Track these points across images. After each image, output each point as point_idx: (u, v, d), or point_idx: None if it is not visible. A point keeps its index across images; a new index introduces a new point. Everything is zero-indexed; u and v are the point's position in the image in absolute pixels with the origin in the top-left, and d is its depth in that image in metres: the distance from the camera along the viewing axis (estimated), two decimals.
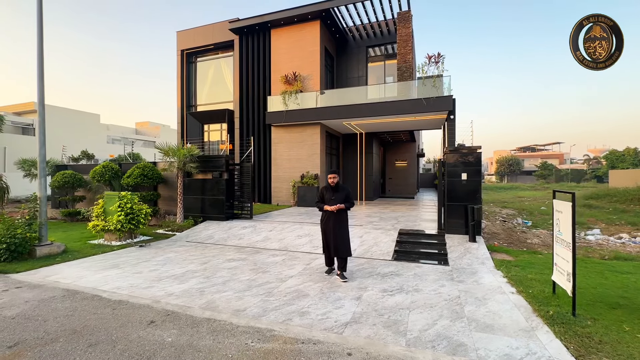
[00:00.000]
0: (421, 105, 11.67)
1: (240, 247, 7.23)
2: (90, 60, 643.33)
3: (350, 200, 5.02)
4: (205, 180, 9.82)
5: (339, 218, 4.92)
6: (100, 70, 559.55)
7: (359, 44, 16.10)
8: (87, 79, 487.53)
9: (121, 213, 7.43)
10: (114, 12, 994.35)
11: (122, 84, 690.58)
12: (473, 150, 7.09)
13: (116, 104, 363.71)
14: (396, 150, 21.27)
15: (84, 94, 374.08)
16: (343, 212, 4.98)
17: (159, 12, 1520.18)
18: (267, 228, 8.46)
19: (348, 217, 5.14)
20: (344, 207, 4.91)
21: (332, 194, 4.98)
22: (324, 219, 5.01)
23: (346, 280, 4.82)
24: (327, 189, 5.06)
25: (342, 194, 4.96)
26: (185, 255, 6.47)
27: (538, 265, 5.53)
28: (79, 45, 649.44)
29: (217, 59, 16.91)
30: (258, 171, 14.89)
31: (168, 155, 9.27)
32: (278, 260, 5.99)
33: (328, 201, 4.97)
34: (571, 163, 69.92)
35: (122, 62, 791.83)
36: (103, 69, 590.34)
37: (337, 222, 4.90)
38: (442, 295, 4.20)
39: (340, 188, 5.02)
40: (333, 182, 4.98)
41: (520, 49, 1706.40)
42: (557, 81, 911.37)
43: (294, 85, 13.75)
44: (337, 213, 4.88)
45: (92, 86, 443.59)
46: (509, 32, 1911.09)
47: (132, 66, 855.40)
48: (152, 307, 3.81)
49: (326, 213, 4.95)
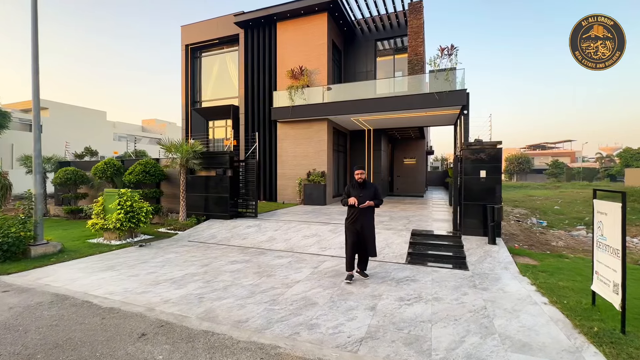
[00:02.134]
0: (433, 99, 11.16)
1: (244, 247, 6.87)
2: (98, 57, 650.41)
3: (379, 197, 4.73)
4: (209, 177, 9.48)
5: (368, 216, 4.66)
6: (106, 67, 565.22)
7: (367, 38, 15.60)
8: (94, 76, 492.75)
9: (121, 211, 7.12)
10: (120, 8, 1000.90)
11: (130, 81, 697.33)
12: (493, 146, 6.61)
13: (123, 102, 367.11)
14: (405, 147, 20.74)
15: (90, 92, 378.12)
16: (371, 210, 4.72)
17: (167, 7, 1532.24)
18: (273, 227, 8.09)
19: (374, 213, 4.85)
20: (373, 204, 4.61)
21: (360, 191, 4.65)
22: (351, 217, 4.67)
23: (368, 276, 4.78)
24: (354, 185, 4.73)
25: (370, 191, 4.66)
26: (186, 256, 6.13)
27: (567, 271, 5.06)
28: (86, 43, 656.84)
29: (222, 53, 16.56)
30: (263, 168, 14.54)
31: (170, 152, 8.95)
32: (284, 263, 5.61)
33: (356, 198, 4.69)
34: (583, 161, 68.27)
35: (129, 59, 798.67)
36: (110, 67, 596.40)
37: (366, 220, 4.63)
38: (466, 305, 3.77)
39: (367, 185, 4.74)
40: (361, 178, 4.67)
41: (525, 47, 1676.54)
42: (567, 79, 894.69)
43: (300, 80, 13.33)
44: (365, 211, 4.58)
45: (99, 84, 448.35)
46: (516, 31, 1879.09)
47: (139, 63, 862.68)
48: (145, 316, 3.45)
49: (354, 211, 4.62)
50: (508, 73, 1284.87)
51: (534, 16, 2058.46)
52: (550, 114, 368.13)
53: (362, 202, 4.52)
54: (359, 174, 4.67)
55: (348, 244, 4.72)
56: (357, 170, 4.70)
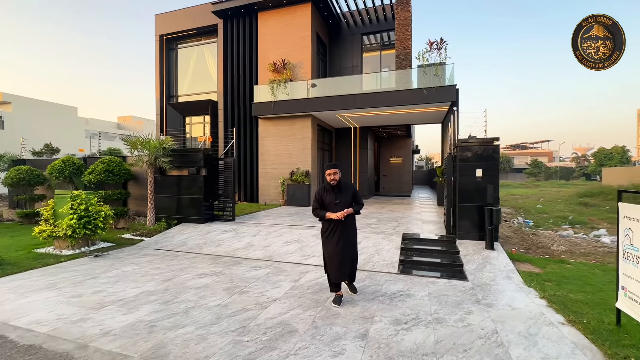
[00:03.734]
0: (421, 95, 10.69)
1: (217, 256, 6.09)
2: (73, 53, 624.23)
3: (359, 202, 3.86)
4: (181, 177, 8.61)
5: (347, 227, 3.75)
6: (83, 63, 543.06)
7: (353, 31, 15.01)
8: (69, 72, 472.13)
9: (73, 216, 6.19)
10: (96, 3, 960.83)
11: (107, 77, 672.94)
12: (489, 142, 6.11)
13: (100, 98, 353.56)
14: (391, 146, 20.34)
15: (64, 88, 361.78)
16: (351, 219, 3.82)
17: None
18: (251, 232, 7.34)
19: (355, 220, 3.98)
20: (353, 211, 3.75)
21: (335, 196, 3.73)
22: (326, 231, 3.77)
23: (357, 292, 4.10)
24: (327, 190, 3.79)
25: (347, 195, 3.77)
26: (147, 268, 5.30)
27: (574, 280, 4.59)
28: (61, 39, 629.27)
29: (200, 45, 15.56)
30: (244, 167, 13.70)
31: (136, 148, 8.02)
32: (260, 275, 4.89)
33: (330, 206, 3.73)
34: (560, 161, 70.61)
35: (106, 55, 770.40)
36: (86, 62, 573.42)
37: (344, 233, 3.72)
38: (474, 328, 3.18)
39: (343, 187, 3.80)
40: (334, 179, 3.72)
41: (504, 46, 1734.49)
42: (542, 82, 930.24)
43: (282, 74, 12.58)
44: (344, 221, 3.70)
45: (74, 80, 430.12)
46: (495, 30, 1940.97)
47: (117, 59, 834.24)
48: (73, 358, 2.67)
49: (329, 223, 3.73)
50: (490, 71, 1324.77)
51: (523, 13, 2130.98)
52: (529, 114, 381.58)
53: (338, 210, 3.66)
54: (331, 174, 3.70)
55: (327, 263, 3.79)
56: (329, 170, 3.71)
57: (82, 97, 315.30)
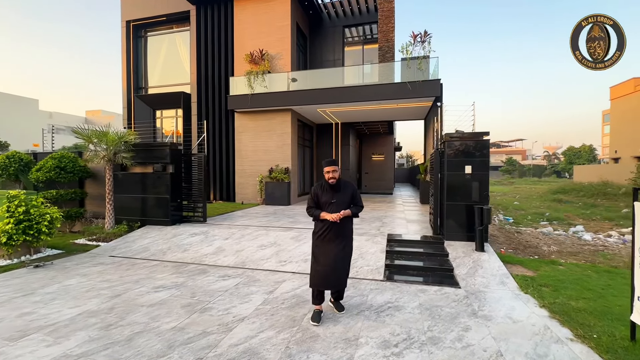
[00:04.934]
0: (405, 90, 10.31)
1: (181, 263, 5.39)
2: (35, 41, 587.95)
3: (359, 203, 3.46)
4: (146, 174, 7.77)
5: (343, 231, 3.36)
6: (46, 51, 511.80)
7: (334, 23, 14.45)
8: (30, 61, 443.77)
9: (9, 220, 5.30)
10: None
11: (77, 68, 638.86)
12: (479, 137, 5.75)
13: (67, 92, 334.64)
14: (373, 143, 20.02)
15: (25, 79, 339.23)
16: (348, 223, 3.43)
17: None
18: (223, 235, 6.67)
19: (352, 224, 3.56)
20: (351, 214, 3.35)
21: (332, 195, 3.36)
22: (319, 231, 3.37)
23: (343, 310, 3.53)
24: (324, 188, 3.41)
25: (345, 195, 3.39)
26: (95, 280, 4.54)
27: (571, 284, 4.28)
28: (21, 24, 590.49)
29: (171, 33, 14.50)
30: (219, 164, 12.87)
31: (90, 142, 7.12)
32: (229, 286, 4.27)
33: (326, 206, 3.35)
34: (532, 159, 73.53)
35: (75, 44, 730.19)
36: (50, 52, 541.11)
37: (339, 237, 3.33)
38: (475, 350, 2.73)
39: (342, 186, 3.43)
40: (333, 178, 3.33)
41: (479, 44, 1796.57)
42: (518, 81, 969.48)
43: (260, 65, 11.85)
44: (340, 224, 3.29)
45: (37, 71, 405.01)
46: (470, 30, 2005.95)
47: (87, 49, 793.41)
48: None
49: (324, 224, 3.33)
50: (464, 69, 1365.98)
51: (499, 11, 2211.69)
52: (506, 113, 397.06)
53: (335, 211, 3.28)
54: (330, 172, 3.32)
55: (314, 269, 3.35)
56: (328, 167, 3.33)
57: (47, 90, 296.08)
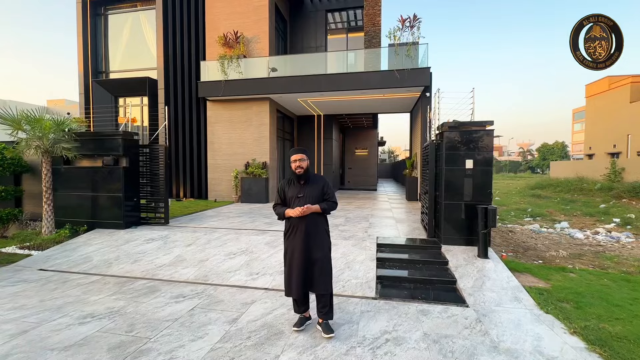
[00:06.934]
0: (392, 78, 9.56)
1: (128, 278, 4.37)
2: None
3: (331, 198, 2.94)
4: (95, 169, 6.60)
5: (313, 228, 2.85)
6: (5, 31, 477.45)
7: (317, 7, 13.47)
8: None
9: None
10: None
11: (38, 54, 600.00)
12: (482, 126, 5.04)
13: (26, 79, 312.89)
14: (356, 137, 19.31)
15: None
16: (319, 219, 2.90)
17: None
18: (186, 240, 5.66)
19: (328, 224, 3.03)
20: (320, 209, 2.84)
21: (300, 188, 2.91)
22: (287, 232, 2.92)
23: (332, 335, 2.82)
24: (291, 181, 2.97)
25: (315, 188, 2.91)
26: (5, 307, 3.47)
27: (592, 298, 3.65)
28: None
29: (135, 11, 13.01)
30: (190, 158, 11.70)
31: (21, 129, 5.86)
32: (182, 313, 3.33)
33: (293, 201, 2.88)
34: (508, 155, 75.77)
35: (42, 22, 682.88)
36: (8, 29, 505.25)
37: (308, 235, 2.82)
38: None
39: (312, 178, 2.97)
40: (300, 167, 2.85)
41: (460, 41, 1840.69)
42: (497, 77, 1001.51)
43: (235, 49, 10.74)
44: (308, 220, 2.82)
45: None
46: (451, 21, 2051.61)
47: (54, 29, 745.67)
48: None
49: (290, 223, 2.88)
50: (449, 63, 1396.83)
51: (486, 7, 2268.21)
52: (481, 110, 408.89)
53: (302, 204, 2.78)
54: (296, 161, 2.85)
55: (287, 273, 2.86)
56: (295, 155, 2.86)
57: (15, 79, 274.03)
